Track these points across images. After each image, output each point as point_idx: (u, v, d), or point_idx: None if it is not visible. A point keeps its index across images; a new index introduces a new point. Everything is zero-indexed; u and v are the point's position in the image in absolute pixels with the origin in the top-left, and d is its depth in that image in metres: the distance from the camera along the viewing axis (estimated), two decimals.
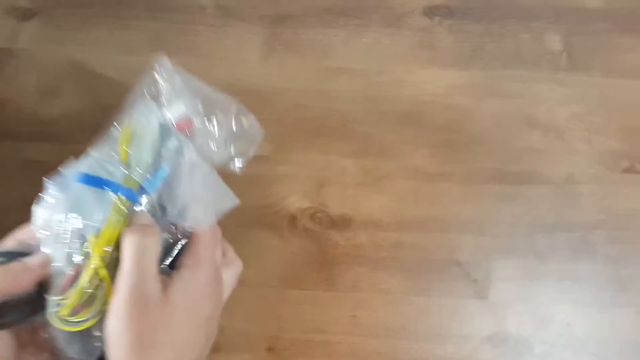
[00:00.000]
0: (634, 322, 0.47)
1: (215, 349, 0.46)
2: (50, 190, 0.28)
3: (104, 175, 0.28)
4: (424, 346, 0.46)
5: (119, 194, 0.27)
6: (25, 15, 0.53)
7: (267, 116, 0.50)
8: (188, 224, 0.30)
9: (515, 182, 0.50)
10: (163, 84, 0.32)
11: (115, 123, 0.31)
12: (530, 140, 0.51)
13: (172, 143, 0.30)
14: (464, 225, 0.49)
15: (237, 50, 0.52)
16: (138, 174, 0.28)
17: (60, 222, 0.27)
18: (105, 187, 0.28)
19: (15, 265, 0.28)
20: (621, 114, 0.52)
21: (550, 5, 0.55)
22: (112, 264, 0.27)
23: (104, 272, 0.26)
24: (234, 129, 0.32)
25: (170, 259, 0.30)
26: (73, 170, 0.28)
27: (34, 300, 0.27)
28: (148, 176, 0.29)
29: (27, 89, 0.51)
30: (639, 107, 0.52)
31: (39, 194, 0.28)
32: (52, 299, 0.26)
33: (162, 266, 0.29)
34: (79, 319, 0.26)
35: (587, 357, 0.46)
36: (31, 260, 0.28)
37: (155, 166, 0.29)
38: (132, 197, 0.28)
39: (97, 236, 0.27)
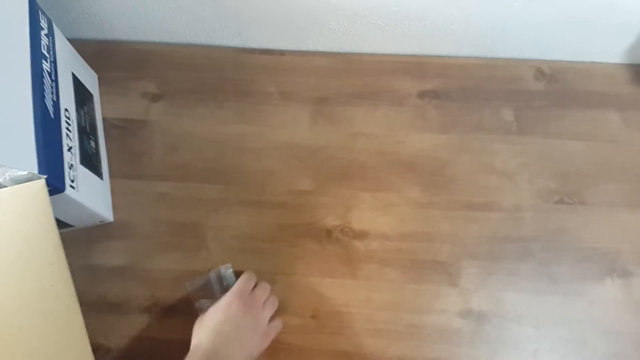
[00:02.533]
0: (560, 303, 0.65)
1: (276, 315, 0.65)
2: None
3: None
4: (415, 316, 0.65)
5: None
6: (155, 98, 0.76)
7: (312, 164, 0.73)
8: None
9: (479, 209, 0.69)
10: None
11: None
12: (489, 181, 0.71)
13: None
14: (444, 238, 0.68)
15: (292, 121, 0.75)
16: None
17: None
18: None
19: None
20: (554, 163, 0.71)
21: (505, 89, 0.75)
22: None
23: None
24: None
25: None
26: None
27: None
28: None
29: (156, 146, 0.73)
30: (566, 159, 0.71)
31: None
32: None
33: None
34: None
35: (526, 327, 0.64)
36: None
37: None
38: None
39: None
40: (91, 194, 0.65)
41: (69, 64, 0.69)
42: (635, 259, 0.67)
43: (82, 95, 0.70)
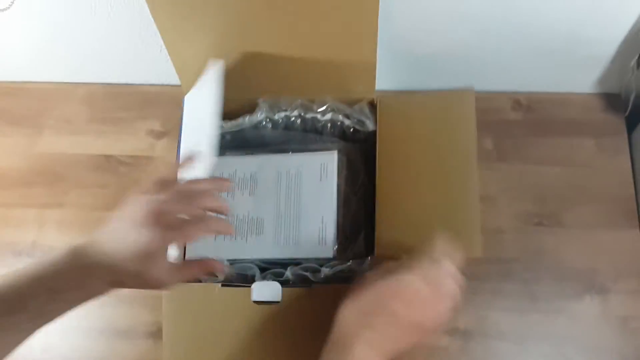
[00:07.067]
0: (542, 320, 0.69)
1: None
2: None
3: None
4: None
5: None
6: (159, 135, 0.83)
7: None
8: None
9: None
10: None
11: None
12: None
13: None
14: None
15: None
16: None
17: None
18: None
19: None
20: (533, 187, 0.76)
21: (484, 119, 0.76)
22: None
23: None
24: None
25: None
26: None
27: None
28: None
29: None
30: (544, 184, 0.76)
31: None
32: None
33: None
34: None
35: (510, 343, 0.68)
36: None
37: None
38: None
39: None
40: None
41: None
42: (612, 276, 0.71)
43: None
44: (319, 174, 0.68)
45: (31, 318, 0.42)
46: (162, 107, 0.85)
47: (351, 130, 0.71)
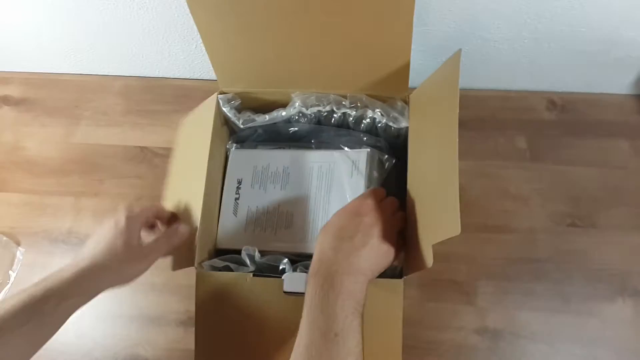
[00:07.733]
0: (573, 322, 0.68)
1: None
2: None
3: None
4: (434, 333, 0.69)
5: None
6: None
7: None
8: None
9: (494, 231, 0.73)
10: None
11: None
12: (504, 205, 0.75)
13: None
14: (461, 258, 0.72)
15: None
16: None
17: None
18: None
19: None
20: (566, 188, 0.75)
21: (519, 119, 0.80)
22: None
23: None
24: None
25: None
26: None
27: None
28: None
29: None
30: (578, 184, 0.75)
31: None
32: None
33: None
34: None
35: (540, 344, 0.68)
36: None
37: None
38: None
39: None
40: None
41: None
42: None
43: None
44: (349, 171, 0.68)
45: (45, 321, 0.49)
46: (197, 101, 0.85)
47: (383, 126, 0.71)
